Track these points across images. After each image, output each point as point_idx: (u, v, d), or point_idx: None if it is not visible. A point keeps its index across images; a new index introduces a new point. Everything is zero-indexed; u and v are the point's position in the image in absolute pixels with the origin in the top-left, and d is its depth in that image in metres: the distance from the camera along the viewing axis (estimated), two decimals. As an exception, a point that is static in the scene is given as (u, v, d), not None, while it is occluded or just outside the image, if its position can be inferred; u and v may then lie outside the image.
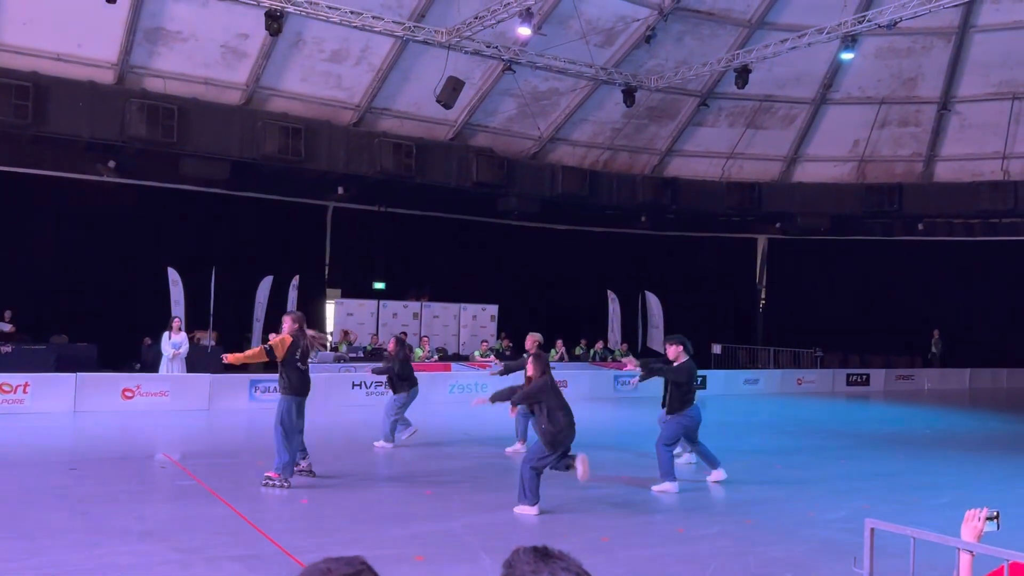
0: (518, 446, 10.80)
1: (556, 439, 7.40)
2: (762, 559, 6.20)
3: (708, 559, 6.15)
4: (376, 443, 10.88)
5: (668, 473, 8.62)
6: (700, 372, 20.36)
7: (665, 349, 9.44)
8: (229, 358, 8.44)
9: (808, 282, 26.34)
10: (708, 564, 6.03)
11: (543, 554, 1.54)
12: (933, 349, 25.28)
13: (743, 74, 19.15)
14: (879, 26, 16.74)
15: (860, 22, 17.07)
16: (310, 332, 8.64)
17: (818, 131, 24.32)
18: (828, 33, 17.65)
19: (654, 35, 19.70)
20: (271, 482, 8.11)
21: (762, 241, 27.70)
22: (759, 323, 27.50)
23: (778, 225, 26.76)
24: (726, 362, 24.60)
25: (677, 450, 10.30)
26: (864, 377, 23.25)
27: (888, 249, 26.48)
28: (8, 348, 15.55)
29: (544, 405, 7.50)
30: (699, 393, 18.50)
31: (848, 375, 23.12)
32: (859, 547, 6.34)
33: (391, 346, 11.36)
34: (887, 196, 24.02)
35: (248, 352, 8.70)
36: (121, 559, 5.74)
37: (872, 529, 3.24)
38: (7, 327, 16.96)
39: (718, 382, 20.44)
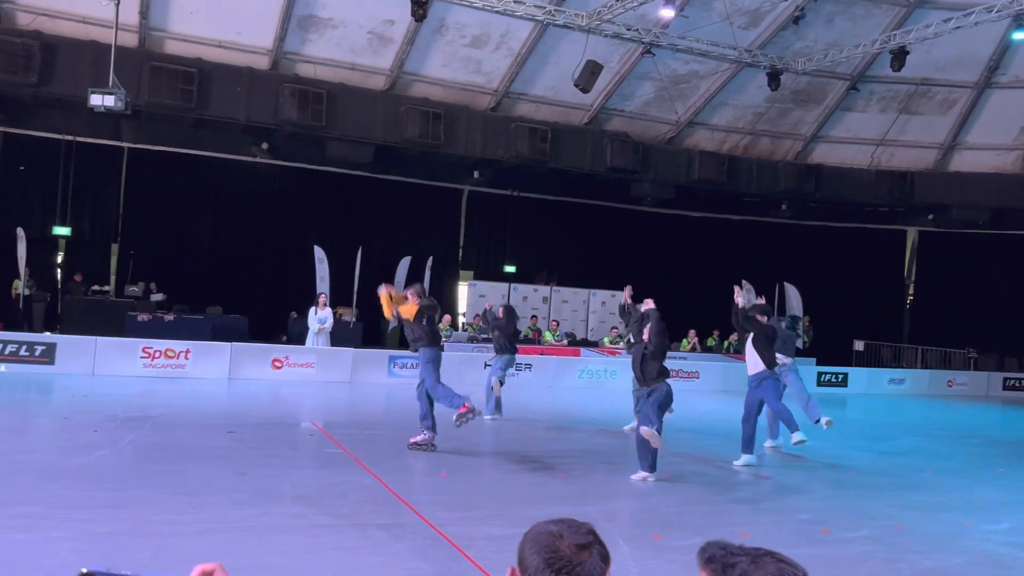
0: (635, 423, 10.80)
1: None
2: (916, 568, 5.88)
3: (857, 564, 5.90)
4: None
5: (791, 423, 9.44)
6: (841, 369, 19.69)
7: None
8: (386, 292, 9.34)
9: (962, 278, 24.62)
10: (857, 569, 5.79)
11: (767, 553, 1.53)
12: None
13: (899, 56, 18.06)
14: (1058, 2, 15.42)
15: (1036, -2, 15.76)
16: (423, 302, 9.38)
17: (980, 117, 22.63)
18: (998, 11, 16.39)
19: (803, 16, 18.88)
20: (464, 418, 8.72)
21: (912, 233, 26.13)
22: (906, 320, 26.01)
23: (931, 217, 25.12)
24: (868, 360, 23.43)
25: (770, 443, 10.56)
26: (1023, 382, 21.65)
27: (1055, 245, 24.45)
28: (171, 317, 16.73)
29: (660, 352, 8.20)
30: (840, 391, 17.95)
31: (1005, 379, 21.60)
32: (1028, 563, 5.96)
33: (502, 314, 11.70)
34: (1057, 188, 22.19)
35: (389, 301, 9.37)
36: (277, 520, 6.09)
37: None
38: (159, 296, 18.19)
39: (860, 380, 19.53)
